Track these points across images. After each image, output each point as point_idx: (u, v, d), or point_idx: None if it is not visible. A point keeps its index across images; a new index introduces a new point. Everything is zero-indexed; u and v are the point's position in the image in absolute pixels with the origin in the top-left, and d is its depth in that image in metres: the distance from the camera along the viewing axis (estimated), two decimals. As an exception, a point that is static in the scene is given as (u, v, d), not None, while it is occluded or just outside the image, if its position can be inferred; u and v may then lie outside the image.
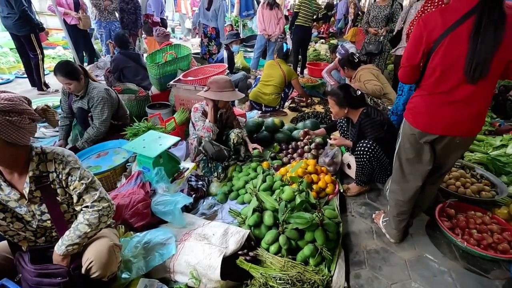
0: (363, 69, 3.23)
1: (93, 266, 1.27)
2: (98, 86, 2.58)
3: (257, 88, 3.85)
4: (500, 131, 3.34)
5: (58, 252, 1.26)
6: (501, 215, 2.10)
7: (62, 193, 1.31)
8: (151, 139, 2.27)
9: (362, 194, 2.46)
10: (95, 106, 2.53)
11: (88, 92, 2.53)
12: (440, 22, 1.40)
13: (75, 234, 1.26)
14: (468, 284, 1.72)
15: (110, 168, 2.29)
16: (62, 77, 2.36)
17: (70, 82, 2.39)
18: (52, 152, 1.28)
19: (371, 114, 2.21)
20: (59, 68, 2.36)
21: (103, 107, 2.55)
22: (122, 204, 1.83)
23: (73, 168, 1.29)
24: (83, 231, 1.27)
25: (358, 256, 1.89)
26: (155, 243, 1.64)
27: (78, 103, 2.59)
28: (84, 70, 2.55)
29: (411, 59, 1.54)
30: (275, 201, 1.87)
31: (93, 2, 4.72)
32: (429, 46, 1.45)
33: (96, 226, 1.30)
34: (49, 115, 1.33)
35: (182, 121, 3.08)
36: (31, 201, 1.27)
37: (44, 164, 1.26)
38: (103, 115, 2.57)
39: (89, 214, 1.29)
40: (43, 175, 1.25)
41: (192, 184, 2.30)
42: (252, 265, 1.59)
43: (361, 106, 2.28)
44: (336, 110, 2.32)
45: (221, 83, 2.39)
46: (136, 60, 3.89)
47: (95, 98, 2.51)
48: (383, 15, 3.94)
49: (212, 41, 5.38)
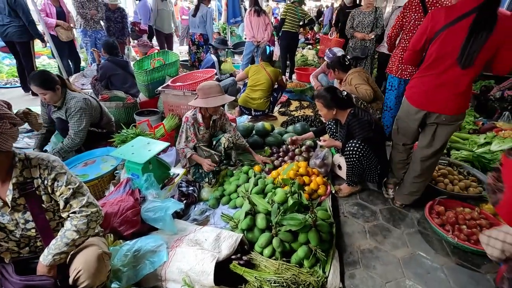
0: (353, 73, 3.28)
1: (82, 275, 1.22)
2: (76, 96, 2.49)
3: (246, 93, 3.86)
4: (483, 129, 3.45)
5: (44, 263, 1.20)
6: (488, 210, 2.15)
7: (47, 200, 1.26)
8: (139, 145, 2.23)
9: (354, 194, 2.47)
10: (71, 116, 2.45)
11: (65, 102, 2.45)
12: (443, 17, 1.71)
13: (63, 242, 1.21)
14: (460, 279, 1.74)
15: (97, 176, 2.23)
16: (37, 86, 2.29)
17: (45, 92, 2.31)
18: (37, 158, 1.24)
19: (358, 114, 2.24)
20: (33, 77, 2.29)
21: (80, 117, 2.47)
22: (110, 212, 1.77)
23: (59, 173, 1.26)
24: (71, 238, 1.22)
25: (352, 256, 1.88)
26: (146, 250, 1.59)
27: (56, 114, 2.52)
28: (62, 80, 2.48)
29: (415, 45, 1.89)
30: (267, 204, 1.86)
31: (79, 12, 4.66)
32: (431, 36, 1.78)
33: (84, 232, 1.25)
34: (31, 118, 1.29)
35: (171, 127, 3.05)
36: (14, 209, 1.22)
37: (29, 170, 1.22)
38: (79, 125, 2.48)
39: (77, 219, 1.24)
40: (27, 182, 1.21)
41: (183, 190, 2.26)
42: (246, 269, 1.57)
43: (348, 107, 2.31)
44: (324, 112, 2.34)
45: (206, 89, 2.34)
46: (124, 68, 3.85)
47: (72, 108, 2.43)
48: (369, 21, 4.03)
49: (200, 48, 5.45)
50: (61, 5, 4.62)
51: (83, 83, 4.93)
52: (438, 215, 2.11)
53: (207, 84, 2.37)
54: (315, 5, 18.86)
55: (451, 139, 3.15)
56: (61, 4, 4.62)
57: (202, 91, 2.34)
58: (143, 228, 1.85)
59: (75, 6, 4.63)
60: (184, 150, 2.42)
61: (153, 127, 2.92)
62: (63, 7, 4.65)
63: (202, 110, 2.45)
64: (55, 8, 4.48)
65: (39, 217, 1.25)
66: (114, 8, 5.12)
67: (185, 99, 3.06)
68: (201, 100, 2.34)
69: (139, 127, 2.90)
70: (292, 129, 3.31)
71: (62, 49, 4.64)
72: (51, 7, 4.44)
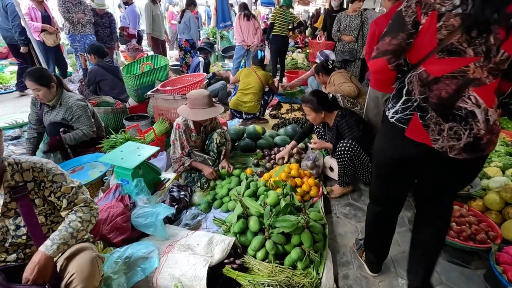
0: (336, 74, 3.35)
1: (75, 279, 1.18)
2: (74, 95, 2.50)
3: (237, 96, 3.87)
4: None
5: (48, 252, 1.16)
6: (476, 207, 2.19)
7: (40, 204, 1.25)
8: (129, 150, 2.19)
9: (346, 195, 2.49)
10: (78, 115, 2.47)
11: (61, 102, 2.43)
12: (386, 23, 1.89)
13: (68, 232, 1.22)
14: (452, 276, 1.76)
15: (86, 183, 2.19)
16: (31, 81, 2.25)
17: (39, 88, 2.28)
18: (28, 162, 1.23)
19: (346, 115, 2.27)
20: (30, 72, 2.27)
21: (86, 114, 2.50)
22: (99, 219, 1.73)
23: (56, 174, 1.28)
24: (76, 228, 1.24)
25: (345, 256, 1.89)
26: (137, 257, 1.56)
27: (50, 115, 2.47)
28: (59, 79, 2.46)
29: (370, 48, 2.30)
30: (260, 206, 1.85)
31: (65, 16, 4.58)
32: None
33: (87, 225, 1.29)
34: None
35: (161, 132, 3.02)
36: (4, 215, 1.20)
37: (20, 174, 1.21)
38: (90, 120, 2.54)
39: (81, 212, 1.29)
40: (19, 186, 1.20)
41: (174, 194, 2.23)
42: (240, 273, 1.55)
43: (335, 108, 2.34)
44: (313, 116, 2.36)
45: (192, 99, 2.30)
46: (113, 73, 3.79)
47: (74, 107, 2.43)
48: (356, 24, 4.11)
49: (188, 54, 5.58)
50: (46, 10, 4.54)
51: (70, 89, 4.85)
52: (428, 213, 2.13)
53: (195, 94, 2.33)
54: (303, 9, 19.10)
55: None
56: (46, 9, 4.54)
57: (189, 100, 2.34)
58: (134, 235, 1.81)
59: (61, 11, 4.55)
60: (181, 160, 2.39)
61: (143, 132, 2.89)
62: (48, 11, 4.57)
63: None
64: (40, 12, 4.39)
65: (31, 221, 1.23)
66: (101, 13, 5.07)
67: (175, 103, 3.03)
68: (187, 110, 2.33)
69: (129, 132, 2.86)
70: (284, 132, 3.32)
71: (48, 54, 4.55)
72: (36, 11, 4.36)
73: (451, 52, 1.07)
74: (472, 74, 1.06)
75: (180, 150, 2.39)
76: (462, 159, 1.14)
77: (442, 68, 1.10)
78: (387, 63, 1.17)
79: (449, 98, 1.10)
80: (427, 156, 1.20)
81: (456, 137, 1.11)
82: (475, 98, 1.08)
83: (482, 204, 2.20)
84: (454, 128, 1.11)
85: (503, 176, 2.42)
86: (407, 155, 1.25)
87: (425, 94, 1.14)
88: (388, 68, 1.18)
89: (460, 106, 1.09)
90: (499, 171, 2.50)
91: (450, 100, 1.10)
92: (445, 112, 1.11)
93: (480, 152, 1.14)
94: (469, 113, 1.09)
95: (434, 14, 1.05)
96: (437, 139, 1.14)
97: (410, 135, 1.18)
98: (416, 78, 1.17)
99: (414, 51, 1.16)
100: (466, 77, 1.07)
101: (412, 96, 1.18)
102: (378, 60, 1.19)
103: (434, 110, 1.13)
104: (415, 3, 1.09)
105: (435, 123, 1.13)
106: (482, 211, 2.16)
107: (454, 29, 1.03)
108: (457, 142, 1.11)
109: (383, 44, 1.18)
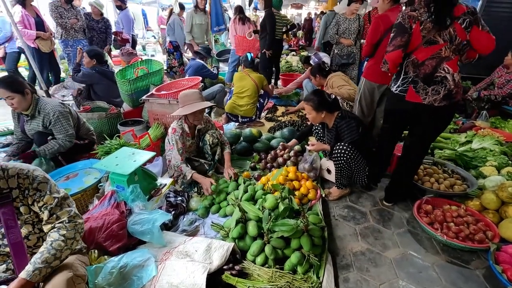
0: (333, 76, 3.35)
1: None
2: (51, 101, 2.39)
3: (232, 100, 3.85)
4: (463, 128, 3.57)
5: (28, 279, 1.10)
6: (474, 206, 2.20)
7: (25, 211, 1.21)
8: (124, 155, 2.16)
9: (344, 197, 2.48)
10: (54, 122, 2.32)
11: (39, 109, 2.32)
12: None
13: (50, 254, 1.15)
14: (451, 276, 1.75)
15: (80, 190, 2.14)
16: (3, 89, 2.13)
17: (12, 95, 2.15)
18: (15, 168, 1.19)
19: (346, 117, 2.27)
20: (0, 80, 2.16)
21: (64, 122, 2.36)
22: (94, 227, 1.69)
23: (41, 182, 1.22)
24: (59, 248, 1.17)
25: (345, 259, 1.87)
26: (133, 266, 1.52)
27: (30, 124, 2.38)
28: (32, 87, 2.35)
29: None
30: (258, 210, 1.83)
31: (58, 22, 4.53)
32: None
33: (71, 243, 1.22)
34: None
35: (157, 137, 2.98)
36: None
37: (5, 180, 1.16)
38: (67, 130, 2.38)
39: (64, 229, 1.21)
40: (3, 193, 1.16)
41: (171, 200, 2.19)
42: (239, 279, 1.53)
43: (336, 110, 2.33)
44: (313, 115, 2.36)
45: (183, 98, 2.32)
46: (109, 78, 3.75)
47: (51, 113, 2.31)
48: (354, 27, 4.12)
49: (171, 55, 5.60)
50: (39, 15, 4.49)
51: (63, 95, 4.80)
52: (426, 214, 2.14)
53: (184, 92, 2.36)
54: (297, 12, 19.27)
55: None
56: (38, 14, 4.49)
57: (180, 100, 2.34)
58: (130, 242, 1.78)
59: (53, 16, 4.50)
60: (182, 169, 2.31)
61: (138, 137, 2.85)
62: (40, 16, 4.52)
63: (187, 120, 2.42)
64: (33, 18, 4.34)
65: (13, 230, 1.17)
66: (97, 17, 5.02)
67: (171, 108, 3.01)
68: (180, 109, 2.33)
69: (123, 137, 2.82)
70: (280, 135, 3.31)
71: (43, 61, 4.49)
72: (29, 18, 4.29)
73: (430, 42, 1.79)
74: (444, 54, 1.78)
75: (179, 156, 2.33)
76: (443, 105, 1.84)
77: (426, 54, 1.81)
78: (402, 52, 1.84)
79: (431, 72, 1.82)
80: (420, 109, 1.90)
81: (437, 93, 1.83)
82: (447, 68, 1.80)
83: (479, 204, 2.21)
84: (435, 88, 1.83)
85: (498, 175, 2.44)
86: (407, 110, 1.97)
87: (416, 72, 1.87)
88: (401, 56, 1.85)
89: (437, 75, 1.81)
90: (494, 170, 2.52)
91: (431, 73, 1.82)
92: (428, 80, 1.84)
93: (453, 99, 1.84)
94: (443, 78, 1.81)
95: (418, 22, 1.78)
96: (425, 97, 1.86)
97: (409, 99, 1.92)
98: (410, 63, 1.88)
99: (409, 45, 1.84)
100: (440, 56, 1.79)
101: (408, 74, 1.91)
102: (395, 52, 1.84)
103: (421, 81, 1.86)
104: (408, 17, 1.80)
105: (423, 88, 1.86)
106: (480, 211, 2.17)
107: (430, 29, 1.76)
108: (438, 95, 1.83)
109: (396, 41, 1.83)
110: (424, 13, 1.75)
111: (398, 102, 1.98)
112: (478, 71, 4.62)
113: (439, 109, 1.85)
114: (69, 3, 4.59)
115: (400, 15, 1.83)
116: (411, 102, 1.90)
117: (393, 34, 1.84)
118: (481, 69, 4.43)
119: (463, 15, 1.69)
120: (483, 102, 3.97)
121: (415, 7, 1.79)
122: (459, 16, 1.70)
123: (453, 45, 1.75)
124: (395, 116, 2.12)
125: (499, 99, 3.86)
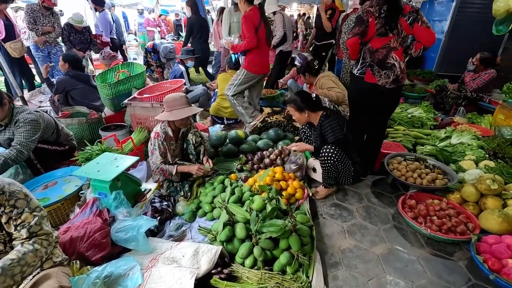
0: (323, 77, 3.37)
1: None
2: (27, 109, 2.29)
3: (217, 102, 3.82)
4: (443, 124, 3.69)
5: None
6: (455, 200, 2.27)
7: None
8: (106, 161, 2.09)
9: (331, 195, 2.50)
10: (20, 126, 2.19)
11: (13, 118, 2.23)
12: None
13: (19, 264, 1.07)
14: (436, 268, 1.80)
15: (60, 199, 2.05)
16: None
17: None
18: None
19: (330, 116, 2.29)
20: None
21: (31, 129, 2.22)
22: (76, 236, 1.62)
23: (19, 199, 1.14)
24: (29, 263, 1.10)
25: (334, 257, 1.88)
26: (117, 275, 1.47)
27: (4, 135, 2.27)
28: (9, 96, 2.26)
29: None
30: (246, 212, 1.81)
31: (30, 27, 4.28)
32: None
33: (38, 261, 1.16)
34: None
35: (140, 141, 2.91)
36: None
37: None
38: (29, 137, 2.20)
39: (40, 245, 1.15)
40: None
41: (156, 205, 2.14)
42: (228, 283, 1.50)
43: (320, 109, 2.36)
44: (297, 116, 2.37)
45: (170, 102, 2.23)
46: (86, 82, 3.64)
47: (21, 119, 2.20)
48: None
49: (149, 54, 5.82)
50: (8, 18, 4.24)
51: (41, 100, 4.59)
52: (411, 209, 2.19)
53: (171, 96, 2.27)
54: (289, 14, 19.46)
55: (416, 135, 3.33)
56: (8, 17, 4.25)
57: (166, 104, 2.24)
58: (114, 251, 1.72)
59: (27, 20, 4.28)
60: (163, 168, 2.28)
61: (121, 142, 2.77)
62: (10, 19, 4.26)
63: (170, 123, 2.36)
64: (1, 20, 4.10)
65: None
66: (80, 29, 4.85)
67: (154, 111, 2.95)
68: (166, 113, 2.24)
69: (105, 143, 2.74)
70: (266, 136, 3.31)
71: (13, 65, 4.24)
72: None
73: (382, 34, 2.13)
74: (392, 45, 2.15)
75: (160, 160, 2.29)
76: (392, 88, 2.23)
77: (379, 44, 2.16)
78: (358, 39, 2.16)
79: (383, 58, 2.17)
80: (376, 89, 2.25)
81: (388, 77, 2.20)
82: (395, 56, 2.17)
83: (460, 197, 2.28)
84: (386, 72, 2.20)
85: (476, 168, 2.53)
86: (366, 89, 2.29)
87: (372, 58, 2.21)
88: (358, 42, 2.18)
89: (388, 62, 2.18)
90: (472, 164, 2.62)
91: (383, 59, 2.17)
92: (381, 65, 2.19)
93: (399, 83, 2.25)
94: (392, 65, 2.18)
95: (374, 17, 2.08)
96: (379, 79, 2.21)
97: (367, 80, 2.26)
98: (367, 50, 2.22)
99: (367, 35, 2.15)
100: (390, 46, 2.15)
101: (365, 60, 2.25)
102: (353, 38, 2.17)
103: (376, 65, 2.20)
104: (366, 12, 2.10)
105: (377, 71, 2.21)
106: (460, 203, 2.24)
107: (382, 24, 2.09)
108: (389, 79, 2.20)
109: (355, 30, 2.15)
110: (379, 11, 2.06)
111: (359, 82, 2.31)
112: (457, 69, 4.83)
113: (389, 91, 2.24)
114: (48, 10, 4.40)
115: (360, 10, 2.16)
116: (369, 82, 2.24)
117: (353, 24, 2.18)
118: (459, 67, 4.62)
119: (408, 14, 2.07)
120: (460, 99, 4.13)
121: (372, 4, 2.09)
122: (405, 14, 2.07)
123: (400, 38, 2.13)
124: (358, 99, 2.42)
125: (474, 96, 4.02)
